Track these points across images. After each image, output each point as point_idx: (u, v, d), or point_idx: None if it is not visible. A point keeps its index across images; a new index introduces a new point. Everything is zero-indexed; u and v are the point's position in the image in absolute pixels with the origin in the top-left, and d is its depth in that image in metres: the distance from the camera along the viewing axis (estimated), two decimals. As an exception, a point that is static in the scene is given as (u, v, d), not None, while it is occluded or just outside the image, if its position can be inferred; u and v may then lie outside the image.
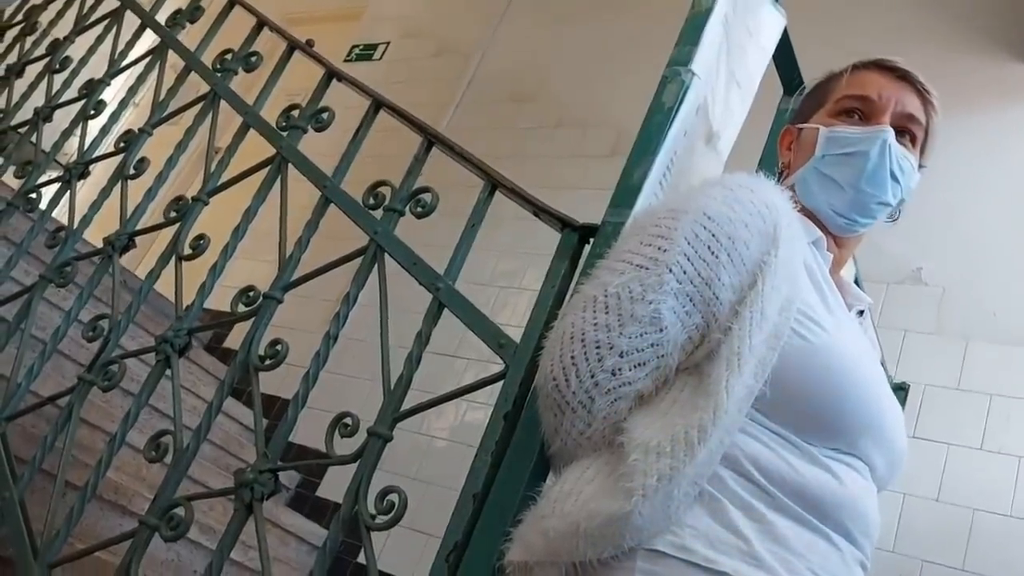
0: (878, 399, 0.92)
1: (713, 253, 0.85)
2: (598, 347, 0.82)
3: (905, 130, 1.06)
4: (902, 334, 2.47)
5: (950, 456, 2.26)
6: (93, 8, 2.31)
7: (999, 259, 2.50)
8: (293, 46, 1.83)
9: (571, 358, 0.83)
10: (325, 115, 1.63)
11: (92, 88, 2.06)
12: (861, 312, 1.11)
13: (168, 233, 1.64)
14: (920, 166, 1.09)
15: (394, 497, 1.09)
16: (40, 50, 2.33)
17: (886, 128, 1.03)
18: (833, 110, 1.08)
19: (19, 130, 2.15)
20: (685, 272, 0.84)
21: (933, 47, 2.81)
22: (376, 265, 1.35)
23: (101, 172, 2.22)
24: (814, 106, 1.12)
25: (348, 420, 1.21)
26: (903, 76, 1.07)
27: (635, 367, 0.82)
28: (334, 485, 3.02)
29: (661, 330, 0.82)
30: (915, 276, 2.58)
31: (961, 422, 2.29)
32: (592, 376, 0.82)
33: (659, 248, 0.85)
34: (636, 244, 0.88)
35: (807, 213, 1.04)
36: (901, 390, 1.88)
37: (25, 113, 2.16)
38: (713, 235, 0.85)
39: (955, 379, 2.36)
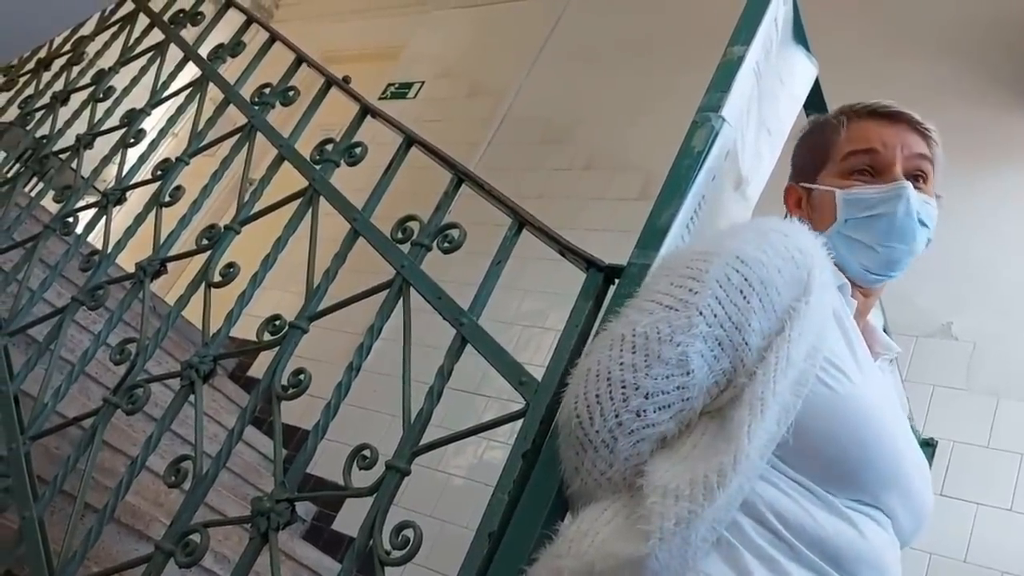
0: (902, 452, 0.90)
1: (745, 298, 0.84)
2: (623, 387, 0.81)
3: (918, 172, 1.06)
4: (931, 389, 2.43)
5: (979, 516, 2.20)
6: (139, 40, 2.38)
7: (1032, 316, 2.46)
8: (330, 82, 1.87)
9: (595, 396, 0.82)
10: (358, 150, 1.66)
11: (133, 117, 2.11)
12: (890, 361, 1.10)
13: (199, 261, 1.67)
14: (936, 196, 1.09)
15: (409, 532, 1.09)
16: (85, 79, 2.40)
17: (903, 184, 1.03)
18: (842, 169, 1.07)
19: (61, 156, 2.20)
20: (716, 315, 0.83)
21: (966, 103, 2.80)
22: (401, 298, 1.36)
23: (137, 199, 2.27)
24: (816, 162, 1.11)
25: (367, 452, 1.21)
26: (897, 118, 1.07)
27: (660, 409, 0.81)
28: (351, 519, 3.00)
29: (688, 373, 0.81)
30: (945, 330, 2.54)
31: (991, 481, 2.24)
32: (616, 416, 0.81)
33: (690, 290, 0.84)
34: (667, 285, 0.87)
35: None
36: (929, 446, 1.84)
37: (67, 140, 2.22)
38: (745, 279, 0.84)
39: (985, 437, 2.31)
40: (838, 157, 1.08)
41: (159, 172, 1.91)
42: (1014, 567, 2.10)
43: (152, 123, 2.29)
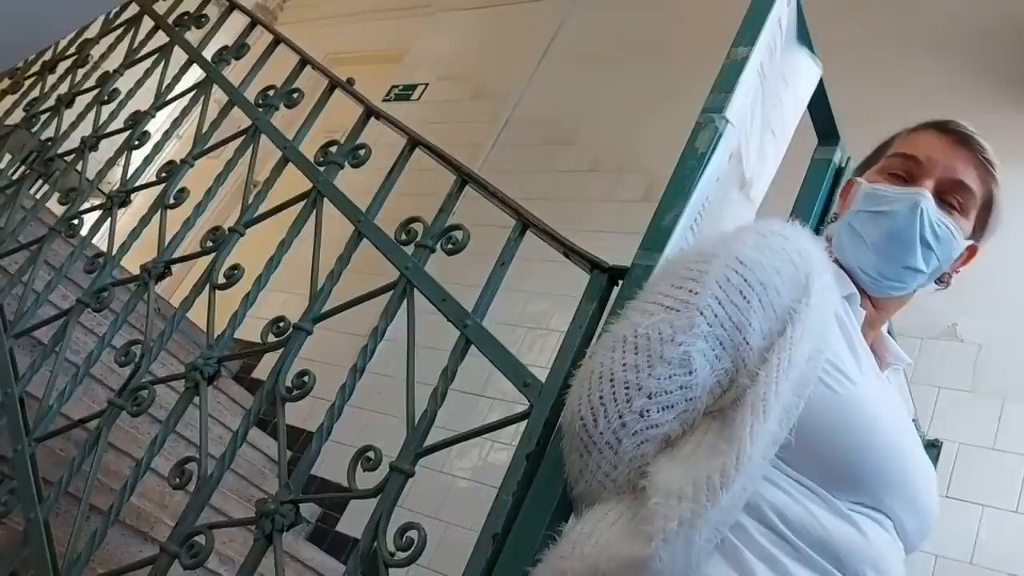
0: (905, 456, 0.90)
1: (744, 298, 0.84)
2: (627, 388, 0.81)
3: (952, 196, 1.03)
4: (936, 391, 2.42)
5: (984, 518, 2.19)
6: (143, 43, 2.39)
7: (1037, 317, 2.45)
8: (334, 84, 1.87)
9: (599, 398, 0.82)
10: (362, 152, 1.66)
11: (137, 119, 2.12)
12: (895, 370, 1.09)
13: (203, 263, 1.67)
14: (971, 238, 1.06)
15: (413, 534, 1.09)
16: (90, 82, 2.40)
17: (922, 191, 1.01)
18: (881, 167, 1.07)
19: (65, 158, 2.21)
20: (716, 315, 0.83)
21: (970, 103, 2.79)
22: (405, 300, 1.36)
23: (142, 201, 2.28)
24: (872, 160, 1.12)
25: (371, 454, 1.21)
26: (962, 142, 1.04)
27: (663, 409, 0.81)
28: (355, 520, 3.00)
29: (690, 373, 0.81)
30: (951, 332, 2.53)
31: (996, 483, 2.23)
32: (620, 417, 0.81)
33: (690, 291, 0.85)
34: (667, 286, 0.88)
35: (843, 268, 1.03)
36: (934, 447, 1.83)
37: (72, 142, 2.23)
38: (745, 280, 0.85)
39: (990, 439, 2.31)
40: (885, 156, 1.08)
41: (163, 174, 1.91)
42: (1020, 569, 2.09)
43: (156, 125, 2.30)
